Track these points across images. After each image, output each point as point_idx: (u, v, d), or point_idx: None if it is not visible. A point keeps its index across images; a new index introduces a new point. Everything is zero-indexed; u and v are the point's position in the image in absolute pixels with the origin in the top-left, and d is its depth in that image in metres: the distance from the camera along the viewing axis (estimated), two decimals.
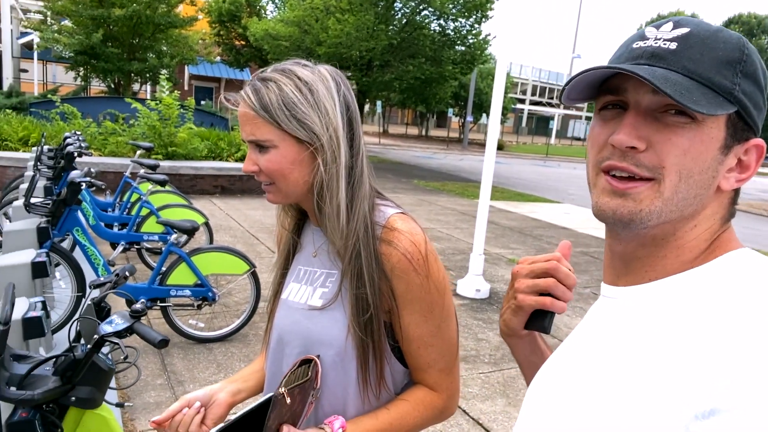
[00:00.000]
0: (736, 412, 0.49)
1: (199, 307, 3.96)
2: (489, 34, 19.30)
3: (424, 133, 43.96)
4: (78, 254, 4.18)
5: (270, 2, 25.13)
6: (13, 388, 1.55)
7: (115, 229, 5.47)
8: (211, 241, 5.75)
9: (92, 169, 4.13)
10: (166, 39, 16.53)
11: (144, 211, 5.29)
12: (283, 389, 0.90)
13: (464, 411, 3.38)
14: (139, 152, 6.85)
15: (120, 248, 5.16)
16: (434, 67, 18.46)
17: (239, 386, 1.19)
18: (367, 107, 33.73)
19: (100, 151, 9.53)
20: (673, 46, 0.62)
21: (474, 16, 18.31)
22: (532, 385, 0.74)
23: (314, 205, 1.06)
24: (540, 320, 0.83)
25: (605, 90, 0.65)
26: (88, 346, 1.61)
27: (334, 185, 1.03)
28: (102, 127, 10.09)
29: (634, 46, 0.65)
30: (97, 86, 21.20)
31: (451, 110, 35.70)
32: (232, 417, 0.93)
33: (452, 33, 18.95)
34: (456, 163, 22.55)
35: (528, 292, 0.82)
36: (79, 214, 3.95)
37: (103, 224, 5.23)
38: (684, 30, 0.63)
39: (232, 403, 1.15)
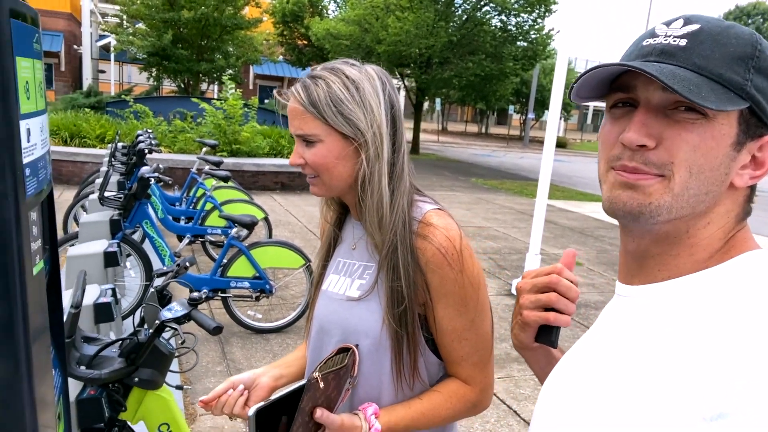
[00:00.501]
0: (744, 416, 0.49)
1: (257, 298, 4.10)
2: (552, 29, 18.79)
3: (483, 130, 43.38)
4: (147, 246, 4.42)
5: (332, 2, 25.53)
6: (82, 368, 1.67)
7: (182, 223, 5.74)
8: (270, 235, 5.93)
9: (160, 166, 4.35)
10: (232, 40, 17.14)
11: (208, 206, 5.53)
12: (317, 374, 0.93)
13: (515, 412, 3.34)
14: (204, 149, 7.15)
15: (186, 241, 5.41)
16: (494, 64, 18.14)
17: (281, 371, 1.24)
18: (426, 105, 33.60)
19: (169, 148, 10.01)
20: (683, 42, 0.61)
21: (537, 11, 17.87)
22: (546, 382, 0.75)
23: (356, 199, 1.09)
24: (547, 334, 0.83)
25: (616, 88, 0.65)
26: (150, 330, 1.72)
27: (376, 180, 1.05)
28: (172, 126, 10.59)
29: (644, 43, 0.64)
30: (168, 86, 22.24)
31: (512, 107, 35.00)
32: (271, 398, 0.97)
33: (514, 28, 18.56)
34: (516, 161, 22.14)
35: (531, 307, 0.82)
36: (148, 207, 4.18)
37: (171, 218, 5.51)
38: (694, 27, 0.62)
39: (274, 387, 1.20)
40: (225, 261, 4.04)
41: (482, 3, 17.89)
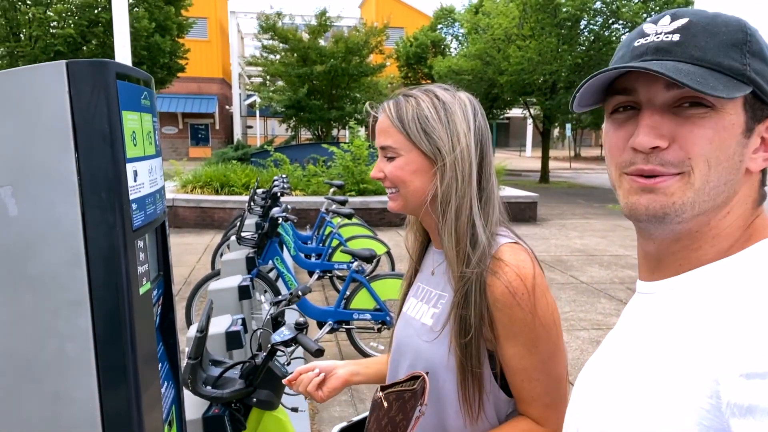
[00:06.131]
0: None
1: (379, 330, 4.21)
2: None
3: None
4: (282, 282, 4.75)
5: (453, 40, 26.05)
6: (208, 387, 1.85)
7: (313, 259, 6.10)
8: (393, 268, 6.08)
9: (288, 206, 4.71)
10: (358, 87, 18.17)
11: (334, 243, 5.83)
12: (380, 393, 0.95)
13: None
14: (332, 190, 7.59)
15: (315, 276, 5.73)
16: None
17: (359, 369, 1.29)
18: (556, 132, 32.36)
19: (304, 191, 10.75)
20: (676, 37, 0.61)
21: None
22: (576, 383, 0.74)
23: (435, 224, 1.10)
24: None
25: (613, 91, 0.65)
26: (264, 354, 1.86)
27: (456, 204, 1.05)
28: (306, 171, 11.40)
29: (636, 44, 0.64)
30: (305, 135, 24.02)
31: None
32: (353, 419, 1.02)
33: None
34: None
35: None
36: (279, 245, 4.52)
37: (303, 255, 5.89)
38: (683, 20, 0.62)
39: (348, 380, 1.26)
40: (348, 294, 4.22)
41: (611, 21, 17.13)
